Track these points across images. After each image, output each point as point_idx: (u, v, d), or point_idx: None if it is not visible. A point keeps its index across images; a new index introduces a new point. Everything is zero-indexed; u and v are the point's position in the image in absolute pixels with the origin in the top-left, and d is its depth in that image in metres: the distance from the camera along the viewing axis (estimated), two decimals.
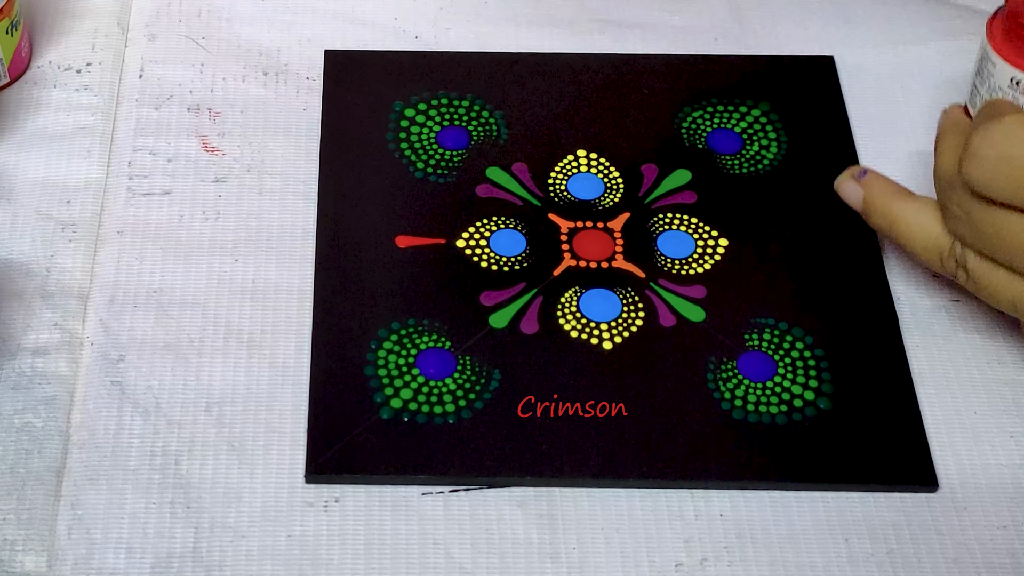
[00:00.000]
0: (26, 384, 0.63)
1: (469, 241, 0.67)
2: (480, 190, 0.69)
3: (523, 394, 0.62)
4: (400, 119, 0.72)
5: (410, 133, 0.71)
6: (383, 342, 0.64)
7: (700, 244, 0.67)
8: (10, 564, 0.58)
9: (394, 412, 0.62)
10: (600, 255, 0.67)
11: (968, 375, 0.64)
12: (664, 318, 0.65)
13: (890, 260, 0.68)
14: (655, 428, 0.61)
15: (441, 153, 0.71)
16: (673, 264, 0.67)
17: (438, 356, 0.64)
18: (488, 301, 0.65)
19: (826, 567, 0.58)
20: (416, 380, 0.63)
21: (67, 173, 0.70)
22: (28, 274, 0.66)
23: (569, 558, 0.59)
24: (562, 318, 0.65)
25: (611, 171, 0.70)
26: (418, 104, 0.73)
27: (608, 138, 0.71)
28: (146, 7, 0.78)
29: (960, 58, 0.76)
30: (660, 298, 0.65)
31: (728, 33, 0.78)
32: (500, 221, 0.68)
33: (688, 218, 0.68)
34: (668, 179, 0.70)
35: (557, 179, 0.70)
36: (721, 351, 0.64)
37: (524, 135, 0.72)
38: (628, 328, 0.64)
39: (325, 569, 0.58)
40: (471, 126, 0.72)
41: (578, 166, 0.70)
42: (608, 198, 0.69)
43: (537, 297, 0.66)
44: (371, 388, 0.62)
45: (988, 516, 0.60)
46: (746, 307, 0.65)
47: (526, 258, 0.67)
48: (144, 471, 0.60)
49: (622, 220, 0.68)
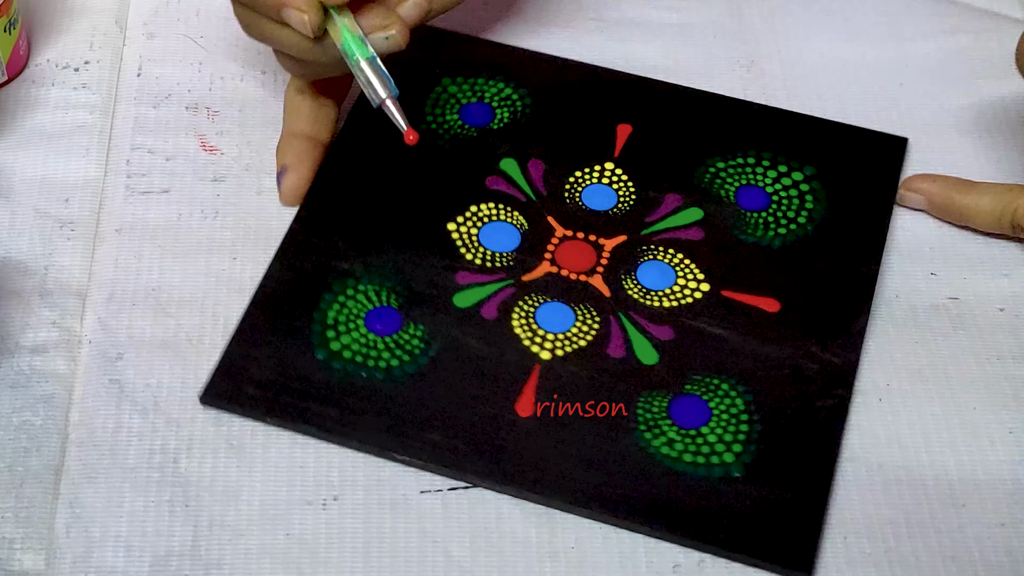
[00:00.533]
0: (24, 382, 0.63)
1: (460, 227, 0.68)
2: (490, 182, 0.69)
3: (453, 372, 0.62)
4: (436, 87, 0.73)
5: (437, 102, 0.72)
6: (338, 296, 0.65)
7: (680, 282, 0.66)
8: (8, 562, 0.58)
9: (329, 354, 0.63)
10: (579, 267, 0.67)
11: (968, 371, 0.64)
12: (614, 348, 0.64)
13: (891, 261, 0.68)
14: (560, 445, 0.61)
15: (461, 126, 0.71)
16: (645, 293, 0.65)
17: (387, 314, 0.64)
18: (462, 280, 0.66)
19: (824, 566, 0.58)
20: (359, 330, 0.63)
21: (65, 171, 0.70)
22: (26, 272, 0.66)
23: (567, 557, 0.59)
24: (516, 319, 0.65)
25: (629, 188, 0.69)
26: (457, 78, 0.73)
27: (640, 160, 0.70)
28: (144, 6, 0.78)
29: (961, 56, 0.76)
30: (621, 328, 0.64)
31: (727, 31, 0.78)
32: (497, 211, 0.68)
33: (680, 254, 0.67)
34: (681, 214, 0.69)
35: (575, 184, 0.70)
36: (658, 389, 0.62)
37: (551, 133, 0.71)
38: (573, 344, 0.64)
39: (323, 567, 0.58)
40: (497, 107, 0.72)
41: (600, 177, 0.70)
42: (616, 211, 0.68)
43: (510, 288, 0.66)
44: (311, 332, 0.63)
45: (986, 514, 0.60)
46: (701, 359, 0.63)
47: (513, 259, 0.67)
48: (142, 469, 0.60)
49: (617, 241, 0.68)
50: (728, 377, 0.63)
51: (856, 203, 0.69)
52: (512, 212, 0.68)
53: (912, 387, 0.64)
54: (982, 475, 0.61)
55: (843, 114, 0.74)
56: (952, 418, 0.63)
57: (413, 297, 0.65)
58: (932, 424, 0.63)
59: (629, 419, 0.61)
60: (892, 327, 0.66)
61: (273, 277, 0.65)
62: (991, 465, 0.61)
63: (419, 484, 0.60)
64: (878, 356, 0.65)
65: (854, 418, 0.63)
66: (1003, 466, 0.61)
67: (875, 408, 0.63)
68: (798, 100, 0.74)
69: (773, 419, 0.62)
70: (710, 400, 0.62)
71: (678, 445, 0.61)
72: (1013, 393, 0.64)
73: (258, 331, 0.64)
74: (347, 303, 0.65)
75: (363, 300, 0.65)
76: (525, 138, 0.71)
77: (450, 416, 0.61)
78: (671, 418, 0.61)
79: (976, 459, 0.62)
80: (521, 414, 0.61)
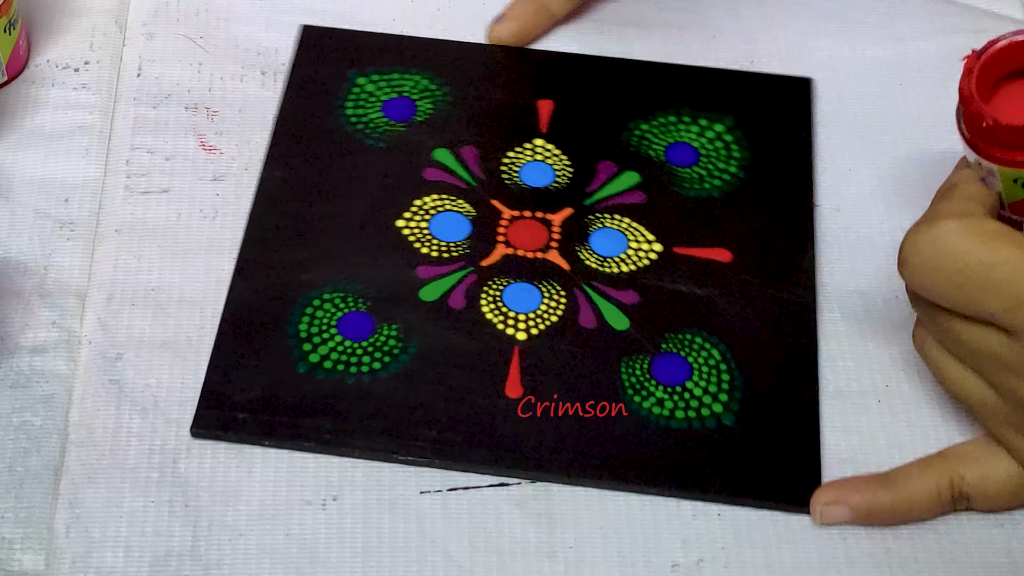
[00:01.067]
0: (24, 383, 0.63)
1: (410, 222, 0.68)
2: (428, 173, 0.70)
3: (437, 366, 0.63)
4: (353, 87, 0.73)
5: (358, 103, 0.72)
6: (306, 308, 0.65)
7: (633, 246, 0.67)
8: (8, 562, 0.58)
9: (311, 367, 0.62)
10: (533, 245, 0.67)
11: None
12: (585, 319, 0.65)
13: (891, 261, 0.68)
14: (555, 420, 0.62)
15: (387, 123, 0.72)
16: (601, 261, 0.67)
17: (358, 318, 0.64)
18: (424, 274, 0.66)
19: (823, 567, 0.59)
20: (334, 339, 0.63)
21: (65, 171, 0.70)
22: (26, 273, 0.66)
23: (566, 557, 0.59)
24: (484, 305, 0.65)
25: (564, 161, 0.70)
26: (372, 75, 0.73)
27: (567, 133, 0.72)
28: (144, 6, 0.78)
29: (960, 55, 0.76)
30: (587, 299, 0.65)
31: (726, 31, 0.78)
32: (443, 202, 0.69)
33: (626, 219, 0.68)
34: (618, 179, 0.70)
35: (510, 164, 0.70)
36: (636, 352, 0.64)
37: (476, 118, 0.72)
38: (545, 321, 0.65)
39: (323, 567, 0.58)
40: (418, 100, 0.72)
41: (533, 154, 0.71)
42: (556, 186, 0.69)
43: (472, 275, 0.66)
44: (288, 346, 0.63)
45: (985, 515, 0.60)
46: (671, 318, 0.65)
47: (468, 246, 0.67)
48: (142, 469, 0.60)
49: (564, 214, 0.68)
50: (700, 331, 0.65)
51: (777, 145, 0.72)
52: (457, 201, 0.69)
53: (911, 389, 0.64)
54: None
55: (842, 115, 0.74)
56: (949, 420, 0.63)
57: (380, 298, 0.65)
58: (930, 425, 0.63)
59: (616, 385, 0.63)
60: (892, 330, 0.66)
61: (236, 299, 0.65)
62: None
63: (418, 484, 0.60)
64: (878, 356, 0.65)
65: (853, 419, 0.63)
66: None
67: (874, 409, 0.63)
68: None
69: (750, 364, 0.64)
70: (688, 355, 0.64)
71: (668, 403, 0.62)
72: None
73: (234, 354, 0.63)
74: (316, 313, 0.64)
75: (331, 308, 0.65)
76: (452, 126, 0.72)
77: (443, 410, 0.62)
78: (655, 378, 0.63)
79: None
80: (511, 396, 0.62)
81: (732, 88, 0.74)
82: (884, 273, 0.68)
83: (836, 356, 0.65)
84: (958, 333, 0.56)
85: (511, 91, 0.73)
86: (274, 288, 0.65)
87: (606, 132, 0.72)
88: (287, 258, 0.66)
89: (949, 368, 0.57)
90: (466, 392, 0.62)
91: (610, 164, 0.70)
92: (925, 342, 0.58)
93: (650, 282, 0.66)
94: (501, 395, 0.62)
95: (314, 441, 0.61)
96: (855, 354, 0.65)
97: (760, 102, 0.73)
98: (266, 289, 0.65)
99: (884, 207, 0.70)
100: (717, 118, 0.73)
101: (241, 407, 0.61)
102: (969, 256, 0.54)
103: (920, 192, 0.70)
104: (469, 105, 0.73)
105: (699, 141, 0.72)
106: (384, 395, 0.62)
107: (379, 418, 0.61)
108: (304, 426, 0.61)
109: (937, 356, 0.58)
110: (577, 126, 0.72)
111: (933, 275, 0.55)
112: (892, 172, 0.72)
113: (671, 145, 0.71)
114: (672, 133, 0.72)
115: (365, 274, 0.66)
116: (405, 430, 0.61)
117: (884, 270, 0.68)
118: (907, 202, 0.70)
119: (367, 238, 0.67)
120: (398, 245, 0.67)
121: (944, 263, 0.54)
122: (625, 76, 0.74)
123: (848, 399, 0.63)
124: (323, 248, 0.67)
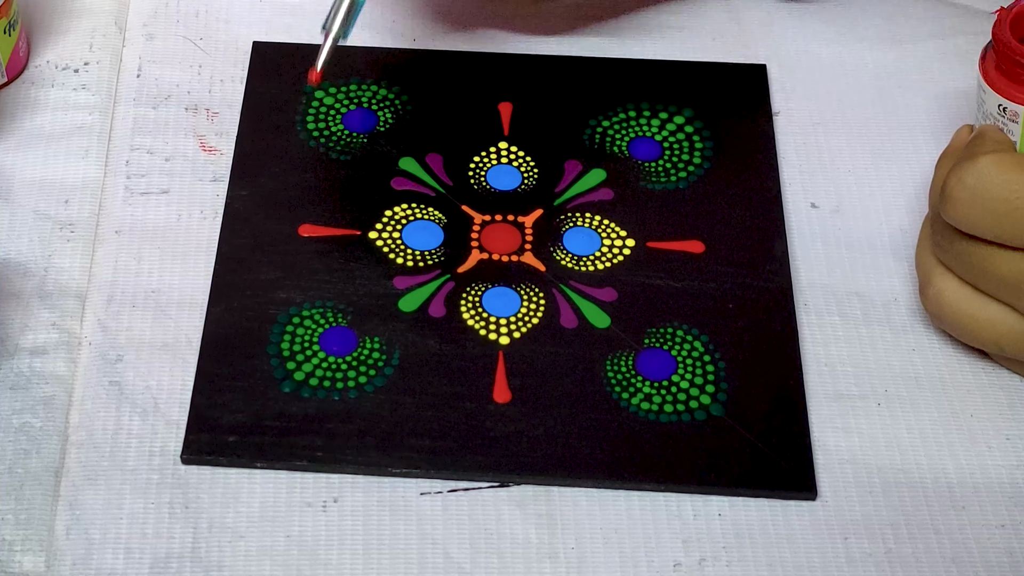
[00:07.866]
0: (24, 384, 0.63)
1: (382, 233, 0.68)
2: (396, 183, 0.70)
3: (422, 377, 0.63)
4: (312, 101, 0.73)
5: (318, 116, 0.72)
6: (286, 326, 0.64)
7: (607, 243, 0.68)
8: (8, 564, 0.58)
9: (296, 385, 0.62)
10: (507, 248, 0.67)
11: (964, 380, 0.64)
12: (566, 319, 0.65)
13: (890, 262, 0.68)
14: (545, 422, 0.62)
15: (348, 135, 0.71)
16: (577, 260, 0.67)
17: (340, 333, 0.64)
18: (401, 285, 0.66)
19: (824, 567, 0.59)
20: (317, 356, 0.63)
21: (65, 173, 0.70)
22: (26, 274, 0.66)
23: (568, 558, 0.59)
24: (465, 312, 0.65)
25: (529, 163, 0.70)
26: (329, 88, 0.73)
27: (530, 134, 0.72)
28: (144, 7, 0.78)
29: (959, 58, 0.76)
30: (566, 299, 0.65)
31: (725, 32, 0.78)
32: (413, 211, 0.68)
33: (597, 216, 0.69)
34: (585, 178, 0.70)
35: (476, 169, 0.70)
36: (620, 349, 0.64)
37: (438, 125, 0.72)
38: (526, 324, 0.65)
39: (323, 569, 0.58)
40: (378, 110, 0.72)
41: (498, 158, 0.71)
42: (524, 188, 0.69)
43: (449, 282, 0.66)
44: (271, 366, 0.63)
45: (986, 515, 0.60)
46: (651, 313, 0.65)
47: (442, 253, 0.67)
48: (142, 471, 0.60)
49: (535, 216, 0.69)
50: (681, 324, 0.65)
51: (737, 133, 0.72)
52: (427, 208, 0.69)
53: (909, 392, 0.64)
54: (981, 478, 0.61)
55: (842, 117, 0.74)
56: (949, 423, 0.63)
57: (360, 311, 0.65)
58: (930, 428, 0.63)
59: (603, 384, 0.63)
60: (890, 332, 0.66)
61: (215, 321, 0.65)
62: (989, 469, 0.61)
63: (419, 486, 0.60)
64: (877, 359, 0.65)
65: (854, 422, 0.63)
66: (1001, 470, 0.62)
67: (874, 412, 0.63)
68: (797, 102, 0.74)
69: (734, 354, 0.64)
70: (671, 349, 0.64)
71: (656, 399, 0.62)
72: (1008, 402, 0.64)
73: (217, 378, 0.63)
74: (297, 331, 0.64)
75: (312, 324, 0.64)
76: (415, 134, 0.72)
77: (433, 419, 0.62)
78: (640, 374, 0.63)
79: (974, 463, 0.62)
80: (499, 401, 0.62)
81: (689, 79, 0.74)
82: (884, 274, 0.68)
83: (835, 360, 0.65)
84: (997, 267, 0.58)
85: (470, 96, 0.73)
86: (251, 308, 0.65)
87: (567, 131, 0.72)
88: (261, 277, 0.66)
89: (979, 310, 0.60)
90: (454, 400, 0.62)
91: (576, 163, 0.71)
92: (942, 294, 0.61)
93: (626, 278, 0.66)
94: (489, 400, 0.62)
95: (307, 460, 0.60)
96: (854, 357, 0.65)
97: (717, 92, 0.74)
98: (243, 309, 0.65)
99: (883, 209, 0.70)
100: (676, 111, 0.73)
101: (230, 430, 0.61)
102: (1013, 184, 0.57)
103: (920, 194, 0.70)
104: (430, 112, 0.73)
105: (661, 134, 0.72)
106: (372, 411, 0.62)
107: (370, 435, 0.61)
108: (296, 445, 0.61)
109: (963, 302, 0.60)
110: (538, 127, 0.72)
111: (980, 206, 0.57)
112: (892, 174, 0.72)
113: (634, 140, 0.72)
114: (634, 128, 0.72)
115: (342, 288, 0.66)
116: (398, 442, 0.61)
117: (883, 272, 0.68)
118: (907, 204, 0.70)
119: (340, 252, 0.67)
120: (373, 257, 0.67)
121: (991, 192, 0.57)
122: (582, 74, 0.75)
123: (848, 402, 0.63)
124: (297, 265, 0.66)
